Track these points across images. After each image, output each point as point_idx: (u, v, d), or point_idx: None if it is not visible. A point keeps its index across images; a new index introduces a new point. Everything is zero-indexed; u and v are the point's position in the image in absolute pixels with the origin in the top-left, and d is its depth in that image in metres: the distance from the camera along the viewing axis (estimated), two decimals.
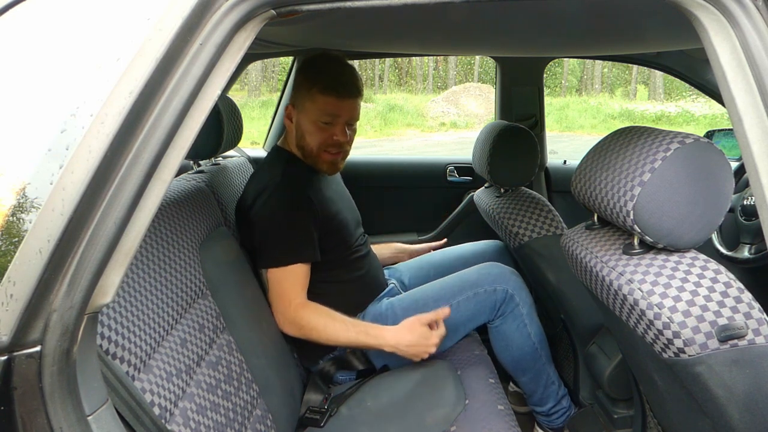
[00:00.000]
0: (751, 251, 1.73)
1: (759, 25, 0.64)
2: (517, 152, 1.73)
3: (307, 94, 1.45)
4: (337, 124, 1.46)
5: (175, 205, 1.20)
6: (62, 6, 0.67)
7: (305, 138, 1.48)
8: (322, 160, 1.49)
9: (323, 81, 1.43)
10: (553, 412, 1.61)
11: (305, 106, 1.46)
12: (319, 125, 1.45)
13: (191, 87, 0.62)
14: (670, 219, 0.84)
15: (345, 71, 1.47)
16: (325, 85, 1.43)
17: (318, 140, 1.47)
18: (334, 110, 1.44)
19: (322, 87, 1.43)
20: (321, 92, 1.43)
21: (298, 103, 1.48)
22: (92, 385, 0.64)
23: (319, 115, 1.44)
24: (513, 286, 1.50)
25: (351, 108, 1.47)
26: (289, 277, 1.39)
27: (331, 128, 1.46)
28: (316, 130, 1.46)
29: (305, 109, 1.46)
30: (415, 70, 27.03)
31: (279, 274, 1.39)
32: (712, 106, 14.01)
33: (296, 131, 1.50)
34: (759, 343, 0.79)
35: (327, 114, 1.44)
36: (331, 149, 1.48)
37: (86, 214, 0.59)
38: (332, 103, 1.43)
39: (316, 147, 1.47)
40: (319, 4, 0.67)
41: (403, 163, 2.75)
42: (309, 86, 1.44)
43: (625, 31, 1.23)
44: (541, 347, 1.54)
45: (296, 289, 1.40)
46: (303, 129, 1.48)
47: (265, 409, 1.19)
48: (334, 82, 1.43)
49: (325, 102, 1.43)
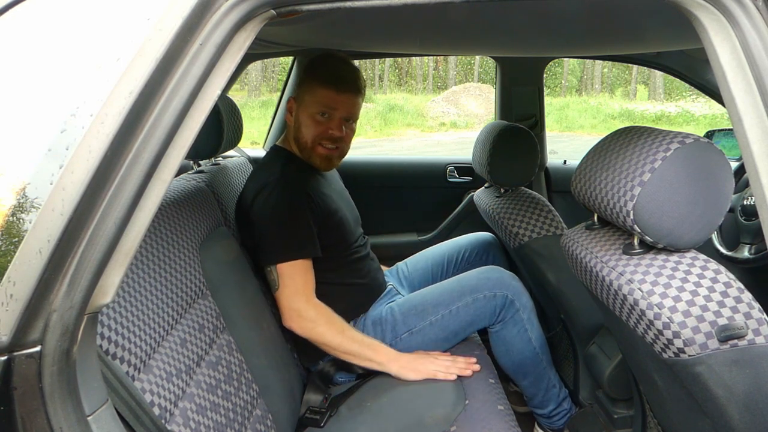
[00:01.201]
0: (751, 251, 1.73)
1: (759, 25, 0.64)
2: (517, 152, 1.73)
3: (307, 88, 1.49)
4: (333, 119, 1.49)
5: (175, 205, 1.20)
6: (62, 6, 0.67)
7: (301, 130, 1.51)
8: (317, 153, 1.51)
9: (323, 74, 1.47)
10: (554, 414, 1.61)
11: (304, 99, 1.50)
12: (316, 118, 1.48)
13: (191, 87, 0.62)
14: (670, 219, 0.83)
15: (347, 68, 1.51)
16: (325, 78, 1.46)
17: (313, 133, 1.49)
18: (331, 103, 1.47)
19: (321, 80, 1.47)
20: (320, 85, 1.47)
21: (298, 96, 1.52)
22: (92, 385, 0.64)
23: (316, 108, 1.47)
24: (513, 291, 1.49)
25: (349, 104, 1.49)
26: (300, 272, 1.40)
27: (328, 122, 1.49)
28: (313, 122, 1.49)
29: (304, 102, 1.50)
30: (415, 70, 27.03)
31: (290, 269, 1.39)
32: (712, 106, 14.02)
33: (295, 125, 1.53)
34: (759, 343, 0.79)
35: (324, 106, 1.47)
36: (326, 143, 1.50)
37: (86, 214, 0.59)
38: (330, 96, 1.46)
39: (311, 139, 1.50)
40: (319, 4, 0.67)
41: (403, 163, 2.75)
42: (310, 80, 1.49)
43: (625, 31, 1.24)
44: (542, 351, 1.54)
45: (309, 285, 1.41)
46: (300, 121, 1.51)
47: (265, 409, 1.19)
48: (334, 75, 1.47)
49: (324, 95, 1.46)
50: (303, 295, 1.39)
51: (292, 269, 1.39)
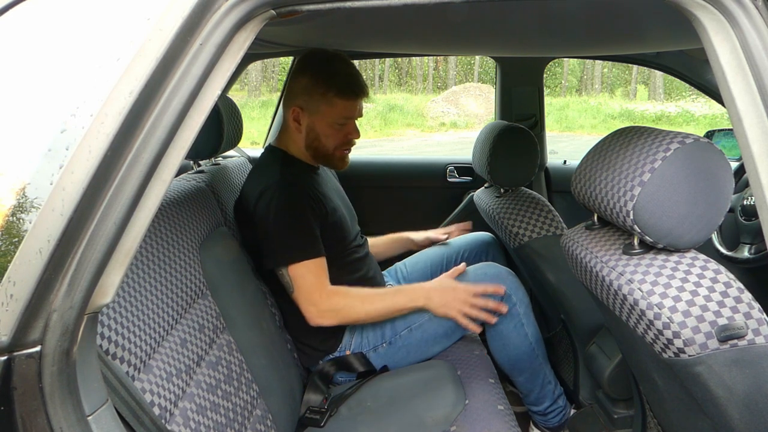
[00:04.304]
0: (751, 251, 1.73)
1: (759, 25, 0.64)
2: (517, 152, 1.73)
3: (322, 98, 1.46)
4: (351, 124, 1.52)
5: (175, 205, 1.20)
6: (62, 6, 0.67)
7: (320, 140, 1.50)
8: (337, 157, 1.54)
9: (338, 84, 1.45)
10: (550, 411, 1.62)
11: (320, 109, 1.47)
12: (335, 127, 1.49)
13: (191, 87, 0.62)
14: (670, 219, 0.84)
15: (354, 71, 1.51)
16: (341, 88, 1.45)
17: (335, 141, 1.51)
18: (350, 112, 1.49)
19: (338, 90, 1.45)
20: (338, 96, 1.45)
21: (310, 106, 1.48)
22: (92, 385, 0.64)
23: (336, 118, 1.48)
24: (510, 286, 1.50)
25: (360, 106, 1.53)
26: (312, 270, 1.40)
27: (346, 128, 1.51)
28: (333, 132, 1.49)
29: (320, 112, 1.47)
30: (415, 70, 27.03)
31: (302, 269, 1.39)
32: (712, 106, 14.02)
33: (308, 134, 1.51)
34: (759, 343, 0.79)
35: (345, 117, 1.48)
36: (345, 147, 1.54)
37: (86, 214, 0.59)
38: (350, 106, 1.48)
39: (332, 147, 1.51)
40: (319, 4, 0.67)
41: (403, 163, 2.75)
42: (323, 89, 1.45)
43: (625, 31, 1.24)
44: (537, 347, 1.55)
45: (322, 279, 1.41)
46: (318, 131, 1.49)
47: (265, 409, 1.19)
48: (350, 84, 1.47)
49: (344, 106, 1.46)
50: (317, 291, 1.40)
51: (304, 269, 1.39)
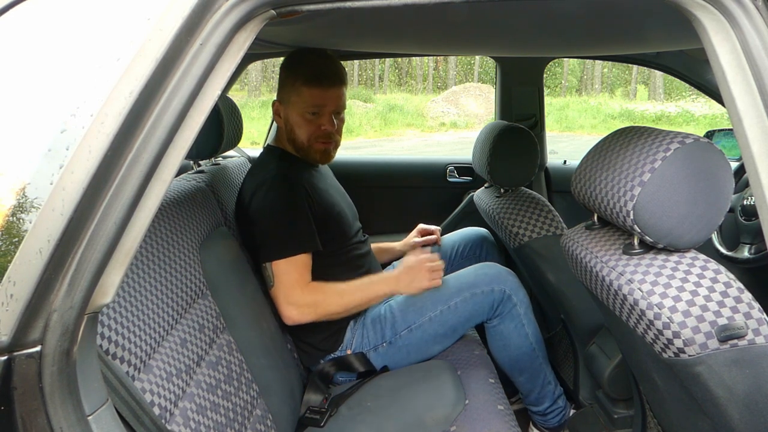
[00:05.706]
0: (751, 251, 1.73)
1: (759, 25, 0.64)
2: (517, 152, 1.73)
3: (291, 88, 1.49)
4: (323, 114, 1.51)
5: (175, 205, 1.20)
6: (62, 6, 0.67)
7: (294, 131, 1.52)
8: (314, 150, 1.54)
9: (306, 73, 1.47)
10: (549, 411, 1.61)
11: (291, 100, 1.50)
12: (306, 117, 1.50)
13: (191, 87, 0.62)
14: (670, 219, 0.84)
15: (326, 62, 1.52)
16: (308, 77, 1.47)
17: (307, 132, 1.51)
18: (319, 101, 1.48)
19: (305, 79, 1.47)
20: (305, 84, 1.47)
21: (284, 98, 1.53)
22: (92, 385, 0.64)
23: (305, 107, 1.49)
24: (510, 286, 1.50)
25: (336, 97, 1.51)
26: (295, 267, 1.40)
27: (319, 119, 1.50)
28: (304, 122, 1.50)
29: (291, 103, 1.51)
30: (415, 70, 27.02)
31: (284, 266, 1.40)
32: (712, 106, 14.01)
33: (285, 126, 1.55)
34: (759, 343, 0.79)
35: (313, 105, 1.48)
36: (321, 139, 1.53)
37: (86, 214, 0.59)
38: (317, 95, 1.48)
39: (306, 139, 1.52)
40: (319, 4, 0.67)
41: (403, 163, 2.75)
42: (293, 80, 1.49)
43: (625, 31, 1.24)
44: (538, 347, 1.55)
45: (303, 277, 1.42)
46: (291, 122, 1.52)
47: (265, 409, 1.19)
48: (317, 73, 1.47)
49: (310, 94, 1.47)
50: (298, 287, 1.40)
51: (288, 265, 1.40)
